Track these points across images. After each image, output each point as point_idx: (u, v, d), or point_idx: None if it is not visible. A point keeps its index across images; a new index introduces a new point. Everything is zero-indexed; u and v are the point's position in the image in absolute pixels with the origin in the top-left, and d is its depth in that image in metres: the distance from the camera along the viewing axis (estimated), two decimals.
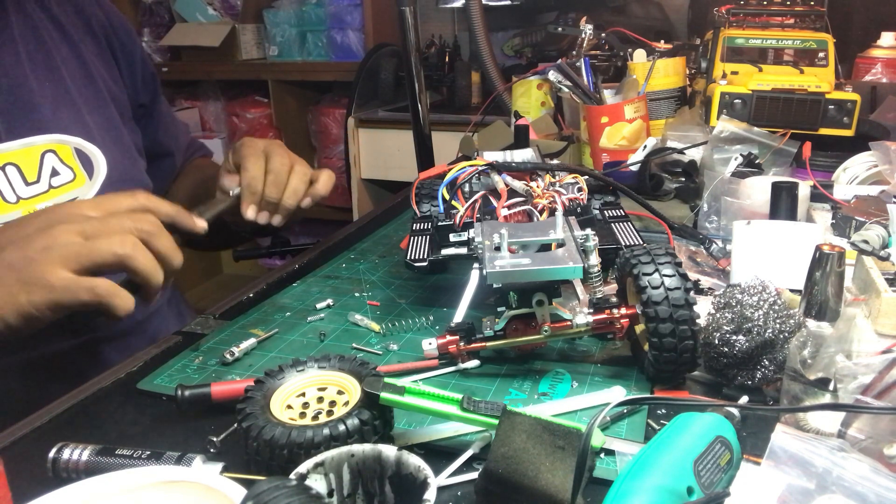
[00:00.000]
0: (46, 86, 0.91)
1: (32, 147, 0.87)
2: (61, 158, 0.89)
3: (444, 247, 0.80)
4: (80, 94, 0.95)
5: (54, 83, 0.92)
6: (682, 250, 0.93)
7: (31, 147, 0.87)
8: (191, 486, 0.45)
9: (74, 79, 0.95)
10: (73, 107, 0.93)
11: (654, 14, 2.27)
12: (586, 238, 0.68)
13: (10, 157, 0.85)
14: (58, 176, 0.89)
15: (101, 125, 0.96)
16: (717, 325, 0.62)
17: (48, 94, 0.91)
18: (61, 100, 0.92)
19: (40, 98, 0.89)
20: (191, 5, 2.88)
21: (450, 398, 0.53)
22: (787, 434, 0.47)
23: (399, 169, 2.41)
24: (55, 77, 0.93)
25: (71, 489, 0.45)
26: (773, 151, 1.13)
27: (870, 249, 0.76)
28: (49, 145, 0.89)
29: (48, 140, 0.88)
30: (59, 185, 0.89)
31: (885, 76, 1.45)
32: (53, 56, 0.94)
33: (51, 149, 0.89)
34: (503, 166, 0.81)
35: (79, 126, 0.92)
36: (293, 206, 0.90)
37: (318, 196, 0.93)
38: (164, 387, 0.68)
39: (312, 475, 0.47)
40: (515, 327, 0.67)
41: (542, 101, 1.52)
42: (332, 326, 0.79)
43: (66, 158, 0.90)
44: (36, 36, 0.93)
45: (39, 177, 0.87)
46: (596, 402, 0.62)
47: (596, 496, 0.50)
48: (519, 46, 2.45)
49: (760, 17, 1.28)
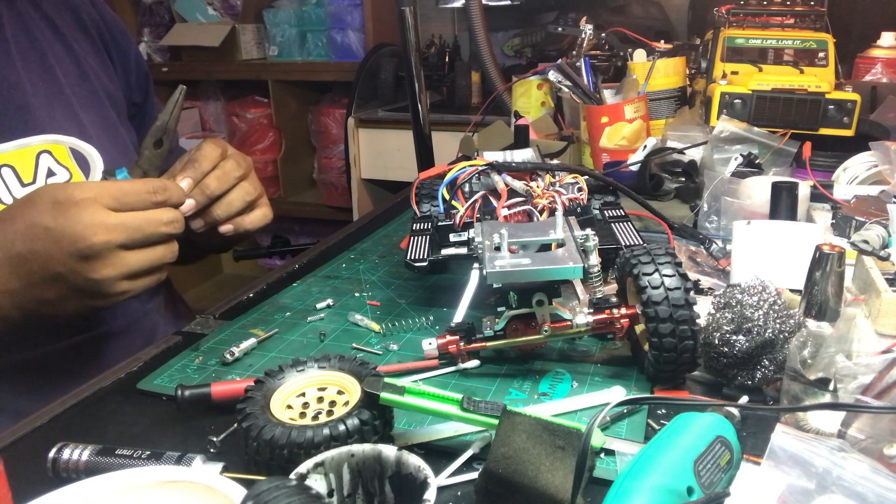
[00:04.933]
0: (40, 85, 0.91)
1: (27, 148, 0.87)
2: (56, 159, 0.89)
3: (444, 247, 0.80)
4: (75, 93, 0.95)
5: (48, 82, 0.92)
6: (682, 250, 0.93)
7: (26, 148, 0.86)
8: (191, 486, 0.45)
9: (68, 77, 0.95)
10: (67, 106, 0.93)
11: (654, 14, 2.27)
12: (586, 238, 0.68)
13: (5, 159, 0.85)
14: (54, 176, 0.88)
15: (96, 124, 0.95)
16: (717, 325, 0.62)
17: (42, 93, 0.90)
18: (55, 99, 0.92)
19: (34, 98, 0.89)
20: (191, 5, 2.88)
21: (450, 398, 0.53)
22: (787, 434, 0.47)
23: (399, 169, 2.41)
24: (49, 76, 0.92)
25: (71, 489, 0.45)
26: (773, 151, 1.13)
27: (870, 249, 0.76)
28: (44, 146, 0.88)
29: (43, 140, 0.88)
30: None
31: (885, 76, 1.45)
32: (46, 55, 0.93)
33: (46, 149, 0.88)
34: (503, 166, 0.81)
35: (74, 125, 0.92)
36: (220, 217, 0.83)
37: (243, 228, 0.86)
38: (164, 387, 0.68)
39: (312, 475, 0.47)
40: (515, 327, 0.67)
41: (542, 101, 1.52)
42: (332, 326, 0.79)
43: (62, 158, 0.89)
44: (28, 35, 0.92)
45: (35, 178, 0.86)
46: (596, 402, 0.62)
47: (596, 496, 0.50)
48: (519, 46, 2.45)
49: (760, 17, 1.28)
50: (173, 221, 0.74)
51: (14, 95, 0.87)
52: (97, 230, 0.69)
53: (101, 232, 0.69)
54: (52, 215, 0.69)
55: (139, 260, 0.72)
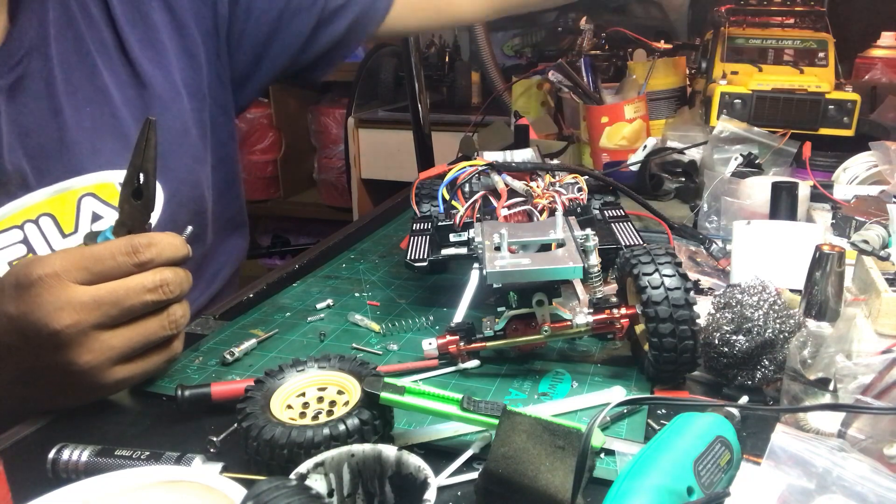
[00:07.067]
0: (86, 113, 0.78)
1: (68, 192, 0.75)
2: (103, 199, 0.77)
3: (444, 247, 0.80)
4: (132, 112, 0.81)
5: (95, 107, 0.79)
6: (682, 250, 0.93)
7: (67, 192, 0.75)
8: (191, 486, 0.45)
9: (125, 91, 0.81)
10: (118, 134, 0.80)
11: (654, 14, 2.27)
12: (586, 238, 0.68)
13: (43, 208, 0.74)
14: (100, 220, 0.77)
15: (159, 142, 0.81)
16: (717, 325, 0.62)
17: (87, 124, 0.78)
18: (103, 128, 0.78)
19: (76, 132, 0.77)
20: None
21: (450, 398, 0.53)
22: (787, 434, 0.47)
23: (399, 169, 2.41)
24: (97, 98, 0.79)
25: (71, 489, 0.45)
26: (773, 151, 1.13)
27: (870, 249, 0.76)
28: (87, 188, 0.77)
29: (85, 182, 0.76)
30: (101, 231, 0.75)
31: (885, 76, 1.45)
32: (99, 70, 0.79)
33: (90, 192, 0.77)
34: (503, 166, 0.81)
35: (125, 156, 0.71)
36: None
37: None
38: (164, 387, 0.68)
39: (312, 475, 0.47)
40: (515, 327, 0.67)
41: (542, 101, 1.52)
42: (332, 326, 0.79)
43: (110, 198, 0.77)
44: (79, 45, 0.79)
45: (77, 227, 0.76)
46: (596, 402, 0.62)
47: (596, 496, 0.50)
48: (519, 46, 2.46)
49: (760, 17, 1.28)
50: (161, 286, 0.60)
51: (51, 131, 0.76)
52: (62, 313, 0.56)
53: (66, 314, 0.57)
54: (13, 301, 0.58)
55: (124, 340, 0.60)
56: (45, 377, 0.60)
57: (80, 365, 0.58)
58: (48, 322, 0.57)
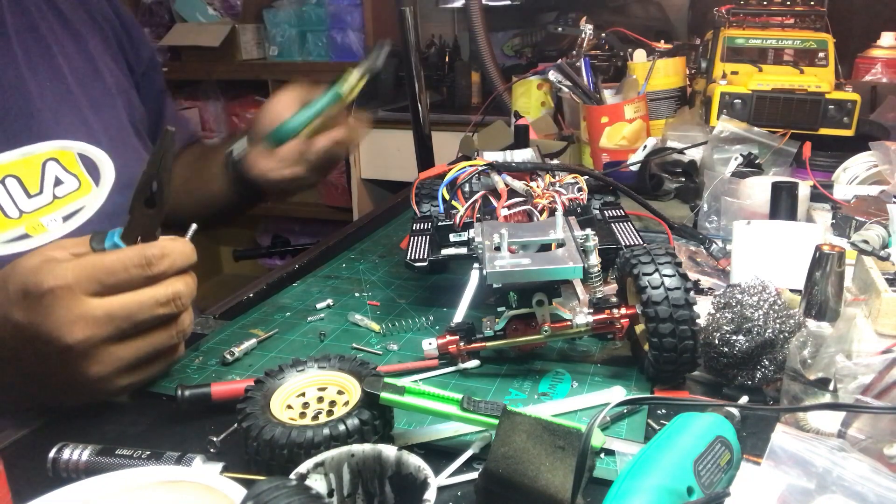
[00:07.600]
0: (47, 87, 0.85)
1: (32, 156, 0.81)
2: (64, 166, 0.83)
3: (444, 247, 0.80)
4: (85, 94, 0.89)
5: (55, 83, 0.86)
6: (682, 250, 0.93)
7: (31, 156, 0.81)
8: (191, 486, 0.45)
9: (77, 75, 0.89)
10: (75, 109, 0.88)
11: (654, 14, 2.27)
12: (586, 238, 0.68)
13: (10, 169, 0.80)
14: (61, 185, 0.82)
15: (108, 127, 0.90)
16: (717, 325, 0.62)
17: (48, 95, 0.85)
18: (63, 102, 0.86)
19: (39, 102, 0.84)
20: (191, 5, 2.88)
21: (450, 398, 0.53)
22: (787, 434, 0.47)
23: (399, 169, 2.41)
24: (56, 76, 0.87)
25: (71, 489, 0.45)
26: (773, 151, 1.13)
27: (870, 249, 0.76)
28: (50, 153, 0.83)
29: (49, 148, 0.83)
30: (63, 195, 0.83)
31: (885, 76, 1.45)
32: (54, 52, 0.88)
33: (52, 157, 0.83)
34: (503, 166, 0.81)
35: (82, 130, 0.87)
36: None
37: None
38: (165, 387, 0.68)
39: (312, 475, 0.47)
40: (515, 327, 0.67)
41: (542, 101, 1.52)
42: (332, 326, 0.79)
43: (70, 166, 0.84)
44: (33, 29, 0.87)
45: (42, 188, 0.81)
46: (596, 402, 0.62)
47: (596, 496, 0.50)
48: (519, 46, 2.46)
49: (760, 17, 1.28)
50: (173, 299, 0.60)
51: (17, 98, 0.82)
52: (74, 327, 0.57)
53: (79, 328, 0.57)
54: (22, 309, 0.57)
55: (133, 351, 0.61)
56: (49, 381, 0.61)
57: (89, 376, 0.59)
58: (60, 336, 0.57)
